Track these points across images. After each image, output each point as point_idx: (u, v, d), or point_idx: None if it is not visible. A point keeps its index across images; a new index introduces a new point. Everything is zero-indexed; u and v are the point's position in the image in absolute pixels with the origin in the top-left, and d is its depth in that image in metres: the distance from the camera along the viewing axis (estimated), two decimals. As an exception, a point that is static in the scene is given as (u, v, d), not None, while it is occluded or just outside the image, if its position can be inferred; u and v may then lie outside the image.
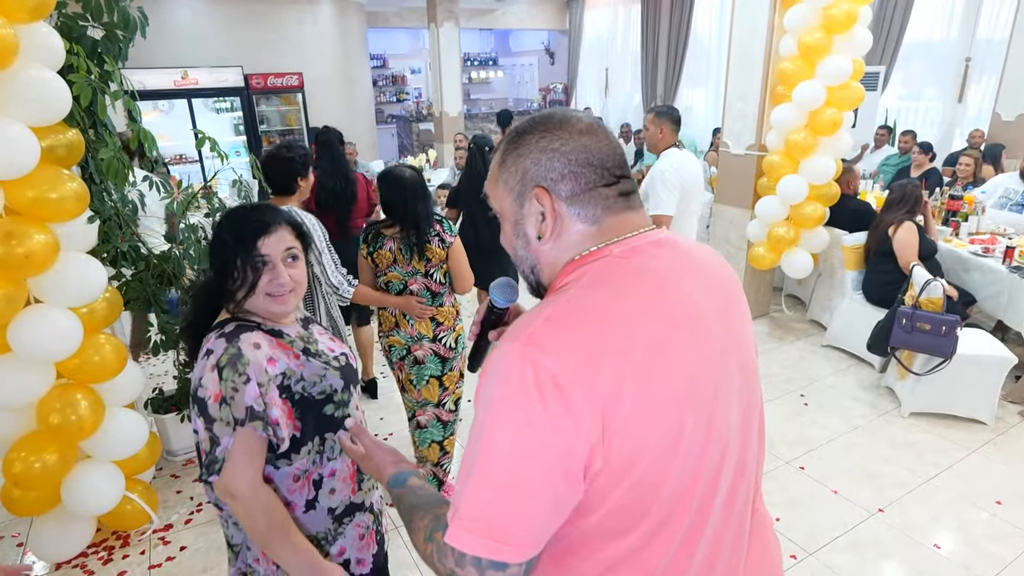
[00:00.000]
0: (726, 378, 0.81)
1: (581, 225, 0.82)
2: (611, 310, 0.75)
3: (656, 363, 0.74)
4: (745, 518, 0.88)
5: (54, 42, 1.88)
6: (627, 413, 0.71)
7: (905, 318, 3.23)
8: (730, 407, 0.82)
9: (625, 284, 0.78)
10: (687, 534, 0.79)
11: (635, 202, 0.86)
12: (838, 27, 3.64)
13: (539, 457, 0.70)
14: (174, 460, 2.93)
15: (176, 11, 7.41)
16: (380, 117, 11.94)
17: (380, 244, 2.34)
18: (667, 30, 9.61)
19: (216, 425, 1.14)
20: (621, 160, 0.84)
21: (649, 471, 0.75)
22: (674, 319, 0.78)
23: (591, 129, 0.83)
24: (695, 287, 0.82)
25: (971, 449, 3.09)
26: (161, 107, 7.58)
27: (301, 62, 8.30)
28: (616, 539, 0.77)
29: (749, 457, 0.87)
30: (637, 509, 0.76)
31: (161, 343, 2.63)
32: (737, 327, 0.87)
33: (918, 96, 8.14)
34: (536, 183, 0.82)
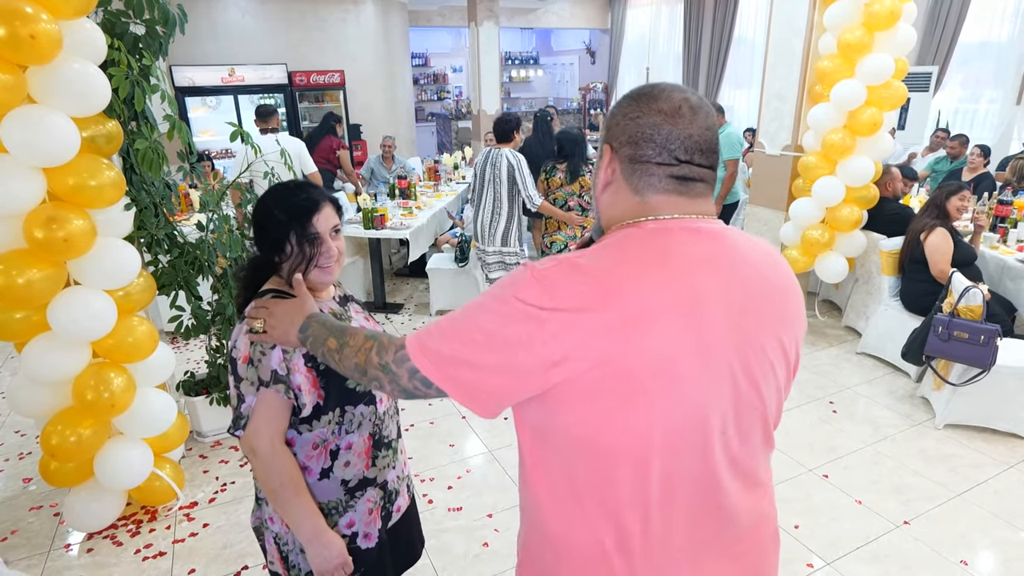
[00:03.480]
0: (709, 375, 0.84)
1: (630, 192, 0.90)
2: (611, 275, 0.82)
3: (638, 331, 0.79)
4: (714, 513, 0.91)
5: (96, 37, 1.98)
6: (591, 354, 0.79)
7: (942, 326, 3.11)
8: (709, 405, 0.85)
9: (636, 256, 0.84)
10: (635, 497, 0.85)
11: (692, 189, 0.89)
12: (880, 24, 3.52)
13: (502, 343, 0.81)
14: (203, 441, 3.05)
15: (226, 11, 7.67)
16: (421, 115, 12.10)
17: (554, 173, 4.28)
18: (710, 29, 9.45)
19: (243, 384, 1.22)
20: (694, 147, 0.87)
21: (603, 417, 0.82)
22: (670, 304, 0.81)
23: (674, 111, 0.87)
24: (713, 282, 0.84)
25: (1008, 465, 2.96)
26: (209, 103, 7.86)
27: (343, 60, 8.48)
28: (585, 474, 0.86)
29: (740, 455, 0.90)
30: (593, 451, 0.84)
31: (192, 328, 2.74)
32: (757, 333, 0.87)
33: (977, 98, 7.79)
34: (608, 140, 0.92)
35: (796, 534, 2.54)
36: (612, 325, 0.79)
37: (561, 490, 0.89)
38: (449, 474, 2.93)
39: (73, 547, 2.46)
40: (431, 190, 6.43)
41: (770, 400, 0.91)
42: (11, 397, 2.25)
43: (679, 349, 0.81)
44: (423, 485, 2.83)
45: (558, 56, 13.30)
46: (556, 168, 4.25)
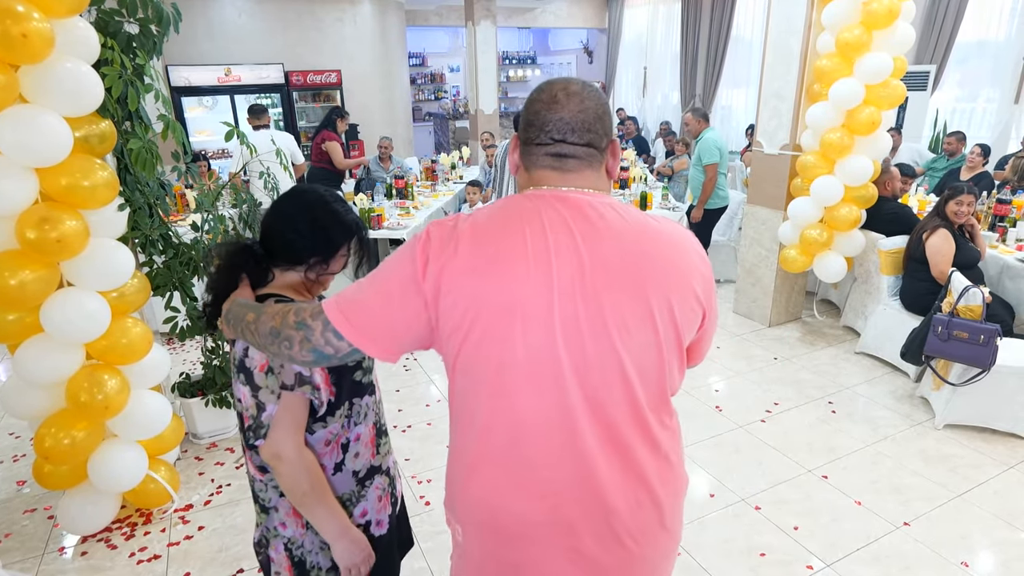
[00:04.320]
0: (555, 318, 0.97)
1: (524, 170, 1.09)
2: (490, 226, 0.99)
3: (498, 271, 0.96)
4: (570, 455, 1.02)
5: (89, 36, 1.96)
6: (460, 292, 0.96)
7: (941, 326, 3.10)
8: (556, 345, 0.97)
9: (506, 216, 1.01)
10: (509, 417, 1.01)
11: (565, 164, 1.05)
12: (879, 23, 3.51)
13: (397, 285, 0.98)
14: (199, 443, 3.03)
15: (222, 10, 7.64)
16: (418, 115, 12.07)
17: None
18: (708, 29, 9.44)
19: (262, 392, 1.21)
20: (565, 127, 1.03)
21: (473, 347, 0.98)
22: (525, 254, 0.97)
23: (551, 99, 1.03)
24: (567, 242, 0.98)
25: (1008, 465, 2.95)
26: (205, 103, 7.83)
27: (340, 60, 8.46)
28: (468, 397, 1.04)
29: (606, 406, 1.01)
30: (470, 374, 1.01)
31: (187, 329, 2.72)
32: (609, 290, 0.98)
33: (974, 97, 7.79)
34: (516, 129, 1.12)
35: (795, 535, 2.53)
36: (476, 267, 0.96)
37: (453, 407, 1.10)
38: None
39: (67, 550, 2.44)
40: (428, 190, 6.42)
41: (629, 352, 1.00)
42: (4, 399, 2.23)
43: (530, 292, 0.95)
44: (420, 487, 2.81)
45: (556, 56, 13.28)
46: None
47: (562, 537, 1.04)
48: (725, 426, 3.31)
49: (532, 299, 0.96)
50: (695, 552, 2.43)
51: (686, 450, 3.07)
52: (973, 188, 3.55)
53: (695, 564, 2.38)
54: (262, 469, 1.30)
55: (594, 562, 1.05)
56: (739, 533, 2.55)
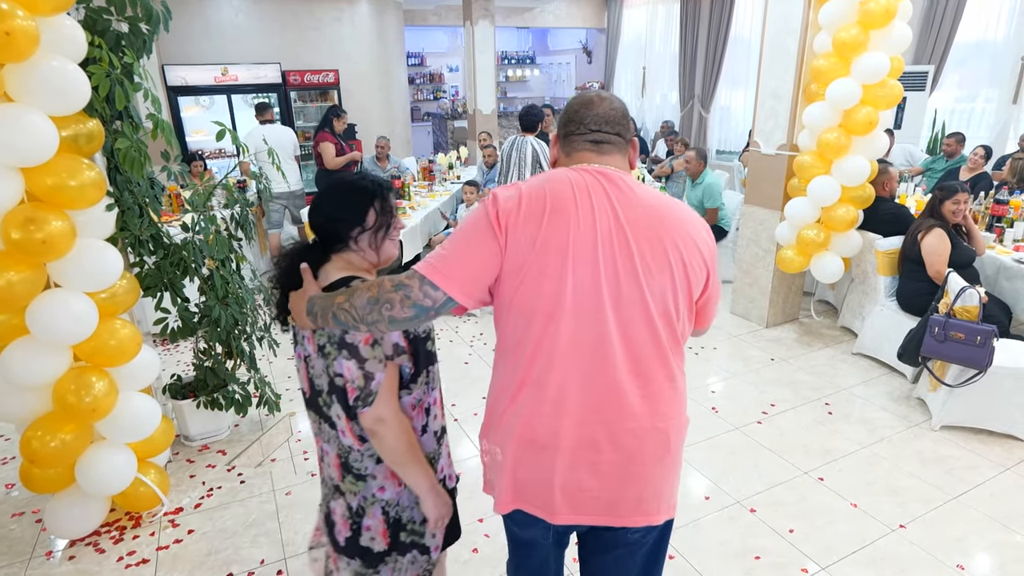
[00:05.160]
0: (596, 259, 1.19)
1: (564, 157, 1.34)
2: (544, 186, 1.23)
3: (553, 219, 1.19)
4: (606, 383, 1.22)
5: (76, 34, 1.94)
6: (523, 238, 1.18)
7: (938, 327, 3.08)
8: (598, 281, 1.19)
9: (560, 179, 1.24)
10: (558, 346, 1.21)
11: (602, 148, 1.30)
12: (875, 22, 3.49)
13: (477, 235, 1.21)
14: (190, 445, 3.00)
15: (219, 9, 7.62)
16: (417, 115, 12.05)
17: None
18: (707, 29, 9.42)
19: (369, 363, 1.31)
20: (601, 120, 1.30)
21: (531, 285, 1.19)
22: (577, 207, 1.20)
23: (587, 102, 1.32)
24: (605, 200, 1.22)
25: (1005, 467, 2.93)
26: (202, 102, 7.81)
27: (338, 59, 8.43)
28: (521, 330, 1.23)
29: (632, 335, 1.23)
30: (525, 307, 1.21)
31: (178, 330, 2.70)
32: (638, 240, 1.20)
33: (974, 98, 7.77)
34: (556, 131, 1.37)
35: (791, 538, 2.51)
36: (535, 216, 1.19)
37: (500, 348, 1.31)
38: (440, 478, 2.90)
39: (55, 554, 2.42)
40: (425, 190, 6.40)
41: (652, 293, 1.21)
42: (-9, 401, 2.21)
43: (580, 236, 1.18)
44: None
45: (554, 56, 13.26)
46: None
47: (586, 452, 1.24)
48: (721, 428, 3.29)
49: (581, 242, 1.18)
50: (690, 555, 2.41)
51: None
52: (965, 186, 3.53)
53: (690, 567, 2.36)
54: (362, 439, 1.40)
55: (610, 473, 1.26)
56: (734, 535, 2.53)
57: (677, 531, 2.53)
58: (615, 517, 1.29)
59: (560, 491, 1.26)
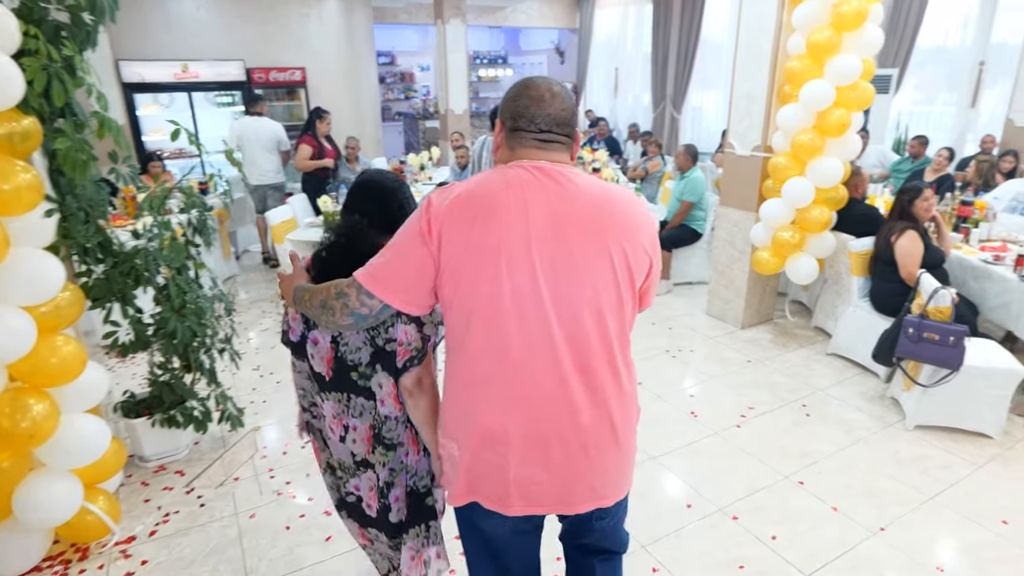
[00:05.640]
0: (531, 259, 1.19)
1: (508, 151, 1.31)
2: (479, 187, 1.24)
3: (486, 219, 1.19)
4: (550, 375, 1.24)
5: (7, 23, 1.77)
6: (456, 240, 1.19)
7: (912, 327, 3.08)
8: (533, 281, 1.20)
9: (496, 179, 1.24)
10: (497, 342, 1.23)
11: (550, 147, 1.30)
12: (848, 24, 3.48)
13: (409, 242, 1.23)
14: (145, 466, 2.82)
15: (179, 3, 7.35)
16: (388, 114, 11.85)
17: None
18: (678, 30, 9.45)
19: (426, 327, 1.48)
20: (552, 121, 1.28)
21: (468, 286, 1.21)
22: (509, 207, 1.20)
23: (540, 100, 1.28)
24: (541, 197, 1.22)
25: (978, 465, 2.94)
26: (161, 100, 7.52)
27: (305, 57, 8.22)
28: (462, 328, 1.25)
29: (575, 335, 1.24)
30: (465, 306, 1.23)
31: (131, 344, 2.53)
32: (574, 236, 1.21)
33: (932, 100, 7.94)
34: (500, 116, 1.33)
35: (774, 545, 2.46)
36: (467, 217, 1.19)
37: (448, 346, 1.32)
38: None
39: (-5, 589, 2.24)
40: (396, 191, 6.24)
41: (594, 287, 1.23)
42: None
43: (511, 236, 1.18)
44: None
45: (527, 56, 13.19)
46: None
47: (536, 447, 1.27)
48: (701, 432, 3.24)
49: (513, 242, 1.18)
50: (673, 567, 2.35)
51: (661, 458, 3.00)
52: (928, 185, 3.56)
53: (672, 581, 2.30)
54: (402, 403, 1.53)
55: (560, 466, 1.28)
56: (717, 545, 2.47)
57: (660, 542, 2.47)
58: (567, 506, 1.34)
59: (513, 484, 1.29)
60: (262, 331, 4.69)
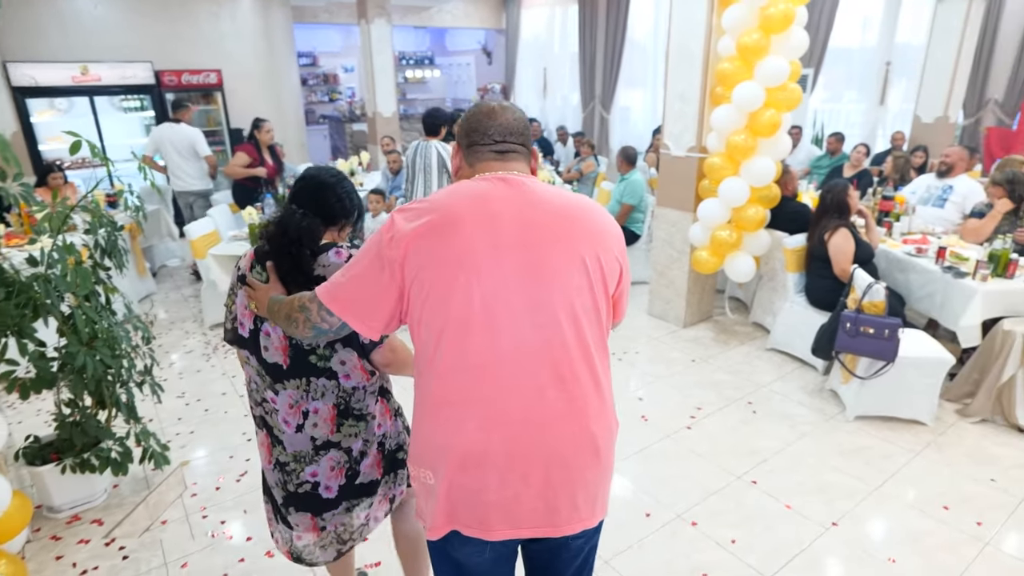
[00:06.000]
0: (501, 268, 1.17)
1: (467, 167, 1.33)
2: (441, 201, 1.22)
3: (449, 234, 1.17)
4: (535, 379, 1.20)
5: None
6: (420, 256, 1.17)
7: (849, 322, 3.18)
8: (504, 290, 1.17)
9: (455, 191, 1.24)
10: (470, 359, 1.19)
11: (507, 156, 1.31)
12: (775, 27, 3.57)
13: (368, 266, 1.22)
14: (55, 518, 2.50)
15: (73, 0, 6.74)
16: (311, 117, 11.40)
17: None
18: (604, 31, 9.56)
19: None
20: (505, 130, 1.30)
21: (436, 302, 1.18)
22: (474, 218, 1.19)
23: (491, 112, 1.32)
24: (507, 207, 1.21)
25: (915, 452, 3.07)
26: (58, 105, 6.87)
27: (220, 58, 7.74)
28: (431, 348, 1.21)
29: (551, 339, 1.20)
30: (433, 325, 1.19)
31: (31, 383, 2.24)
32: (542, 244, 1.20)
33: (839, 99, 8.40)
34: (457, 140, 1.36)
35: (734, 549, 2.46)
36: (430, 232, 1.17)
37: (416, 366, 1.28)
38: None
39: None
40: (326, 199, 5.96)
41: (567, 294, 1.20)
42: None
43: (478, 247, 1.17)
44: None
45: (454, 56, 13.02)
46: None
47: (517, 465, 1.20)
48: (652, 436, 3.23)
49: (479, 254, 1.16)
50: (637, 582, 2.30)
51: (617, 465, 2.95)
52: (848, 180, 3.72)
53: (639, 596, 2.25)
54: (372, 373, 1.61)
55: (543, 484, 1.22)
56: (679, 553, 2.45)
57: (621, 555, 2.42)
58: (552, 527, 1.26)
59: (495, 507, 1.23)
60: (186, 353, 4.35)
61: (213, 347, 4.42)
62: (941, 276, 3.53)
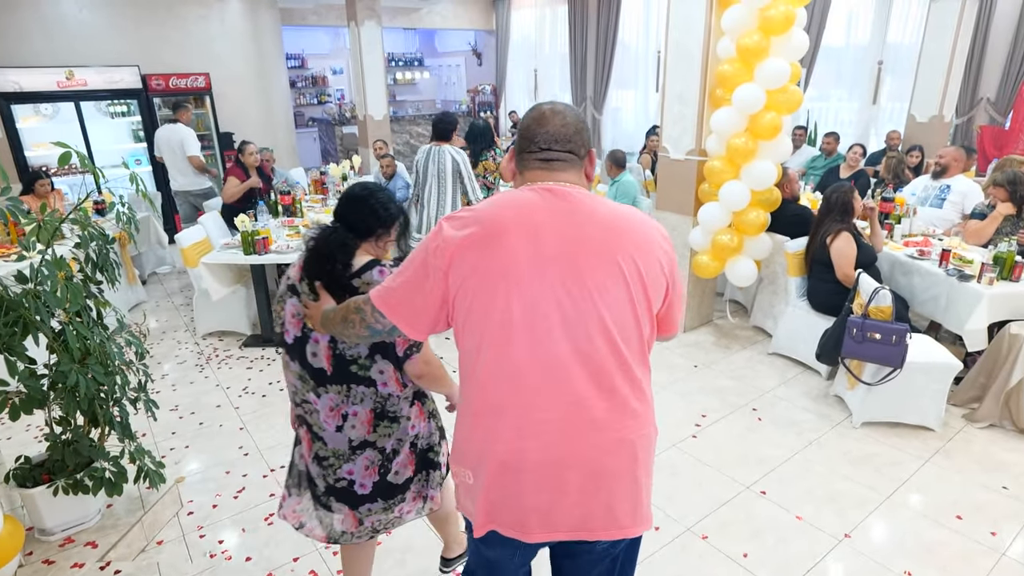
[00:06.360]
0: (542, 279, 1.20)
1: (519, 174, 1.35)
2: (486, 212, 1.24)
3: (493, 245, 1.20)
4: (562, 394, 1.22)
5: None
6: (464, 266, 1.21)
7: (856, 328, 3.14)
8: (544, 301, 1.20)
9: (502, 202, 1.26)
10: (508, 366, 1.23)
11: (553, 166, 1.31)
12: (775, 29, 3.53)
13: (415, 272, 1.27)
14: (48, 541, 2.40)
15: (58, 4, 6.60)
16: (300, 120, 11.28)
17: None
18: (595, 32, 9.53)
19: None
20: (551, 138, 1.30)
21: (479, 312, 1.22)
22: (517, 229, 1.21)
23: (540, 118, 1.31)
24: (550, 219, 1.23)
25: (924, 459, 3.04)
26: (43, 111, 6.73)
27: (208, 62, 7.62)
28: (473, 355, 1.26)
29: (587, 349, 1.22)
30: (475, 333, 1.24)
31: (22, 404, 2.15)
32: (585, 256, 1.22)
33: (827, 97, 8.42)
34: (513, 145, 1.39)
35: (745, 564, 2.41)
36: (475, 243, 1.21)
37: (460, 371, 1.33)
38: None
39: None
40: (319, 204, 5.88)
41: (608, 307, 1.22)
42: None
43: (520, 258, 1.20)
44: (337, 560, 2.42)
45: (443, 58, 12.94)
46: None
47: (553, 471, 1.24)
48: (659, 446, 3.18)
49: (522, 265, 1.19)
50: (650, 600, 2.25)
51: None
52: (847, 181, 3.68)
53: (653, 615, 2.19)
54: (403, 384, 1.74)
55: (579, 490, 1.25)
56: (689, 569, 2.40)
57: (633, 571, 2.37)
58: (587, 532, 1.29)
59: (532, 511, 1.27)
60: (179, 364, 4.26)
61: (206, 357, 4.33)
62: (946, 279, 3.51)
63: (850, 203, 3.55)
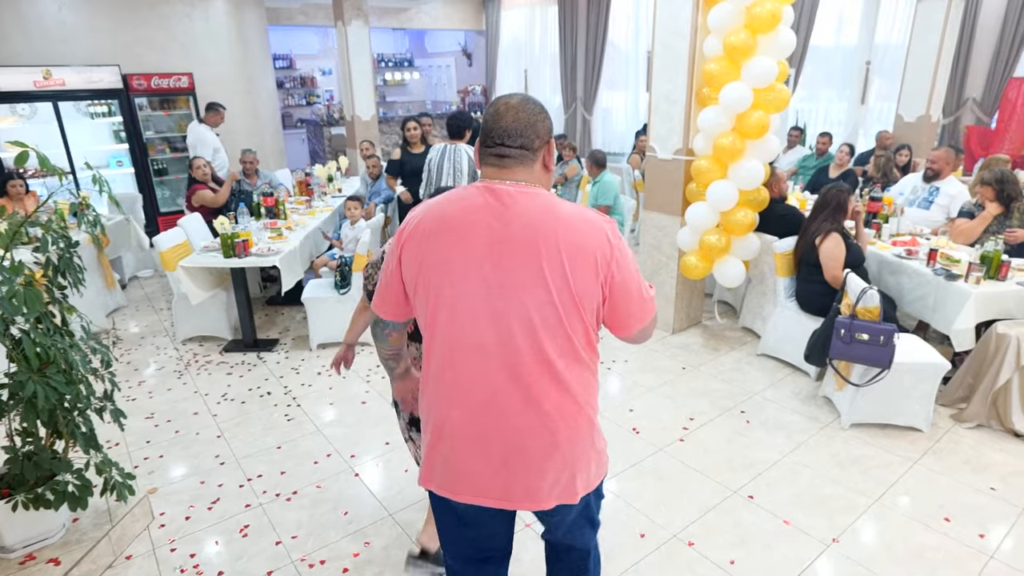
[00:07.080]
0: (470, 276, 1.28)
1: (480, 165, 1.39)
2: (435, 208, 1.36)
3: (434, 239, 1.32)
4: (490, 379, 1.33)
5: None
6: (410, 255, 1.36)
7: (844, 329, 3.09)
8: (473, 296, 1.29)
9: (453, 199, 1.35)
10: (446, 353, 1.35)
11: (504, 162, 1.33)
12: (762, 27, 3.48)
13: (387, 263, 1.43)
14: (8, 558, 2.30)
15: (35, 3, 6.48)
16: (288, 121, 11.17)
17: None
18: (585, 32, 9.48)
19: None
20: (503, 133, 1.32)
21: (422, 297, 1.36)
22: (456, 226, 1.30)
23: (496, 113, 1.33)
24: (480, 218, 1.29)
25: (913, 460, 2.99)
26: (20, 111, 6.60)
27: (191, 61, 7.50)
28: (425, 333, 1.39)
29: (510, 345, 1.30)
30: (421, 316, 1.39)
31: (-22, 415, 2.06)
32: (511, 256, 1.27)
33: (816, 98, 8.41)
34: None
35: (732, 570, 2.35)
36: (422, 236, 1.33)
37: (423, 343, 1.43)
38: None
39: None
40: (303, 207, 5.79)
41: (530, 305, 1.27)
42: None
43: (453, 255, 1.29)
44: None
45: (433, 58, 12.87)
46: None
47: (478, 441, 1.36)
48: (645, 450, 3.12)
49: (455, 260, 1.29)
50: (634, 611, 2.18)
51: (609, 483, 2.83)
52: (836, 180, 3.63)
53: (636, 627, 2.13)
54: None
55: (500, 463, 1.36)
56: (676, 578, 2.33)
57: (617, 582, 2.30)
58: (508, 502, 1.39)
59: (462, 475, 1.39)
60: (157, 370, 4.16)
61: (185, 363, 4.24)
62: (933, 279, 3.47)
63: (845, 204, 3.51)
